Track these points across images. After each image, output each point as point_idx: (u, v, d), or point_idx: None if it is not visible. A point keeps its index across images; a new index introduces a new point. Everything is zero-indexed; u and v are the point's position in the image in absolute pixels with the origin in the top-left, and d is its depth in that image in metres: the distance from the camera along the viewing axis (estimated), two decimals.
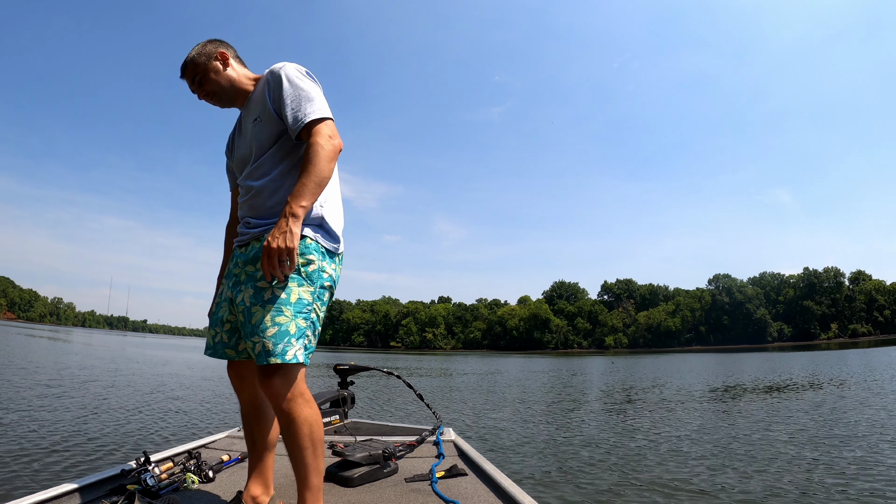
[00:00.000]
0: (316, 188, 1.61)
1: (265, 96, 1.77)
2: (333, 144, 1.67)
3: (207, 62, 1.85)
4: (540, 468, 5.33)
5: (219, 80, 1.86)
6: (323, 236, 1.73)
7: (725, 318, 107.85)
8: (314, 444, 1.65)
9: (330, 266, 1.75)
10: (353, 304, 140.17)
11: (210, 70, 1.85)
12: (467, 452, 2.61)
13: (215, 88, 1.86)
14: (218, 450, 2.68)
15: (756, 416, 8.86)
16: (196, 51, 1.86)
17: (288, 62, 1.81)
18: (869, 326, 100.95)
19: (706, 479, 4.85)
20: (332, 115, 1.73)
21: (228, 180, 2.05)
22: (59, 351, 24.30)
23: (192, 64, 1.85)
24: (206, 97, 1.89)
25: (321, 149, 1.63)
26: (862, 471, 5.05)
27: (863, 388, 13.19)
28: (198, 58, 1.85)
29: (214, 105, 1.92)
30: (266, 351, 1.57)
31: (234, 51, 1.94)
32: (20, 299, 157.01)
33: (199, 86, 1.87)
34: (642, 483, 4.76)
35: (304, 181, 1.59)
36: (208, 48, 1.87)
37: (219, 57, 1.87)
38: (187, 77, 1.88)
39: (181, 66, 1.88)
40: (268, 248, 1.53)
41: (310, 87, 1.74)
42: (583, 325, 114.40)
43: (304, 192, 1.58)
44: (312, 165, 1.61)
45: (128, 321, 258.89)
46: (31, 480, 4.22)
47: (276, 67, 1.78)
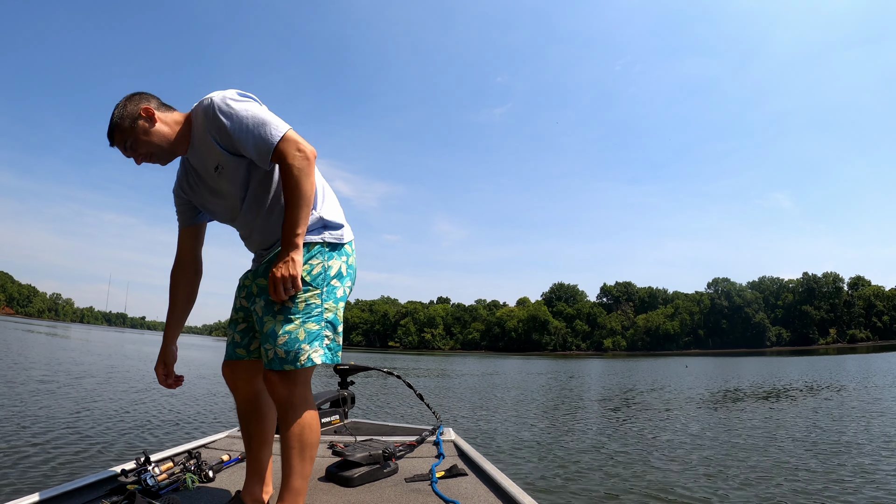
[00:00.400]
0: (306, 211, 1.61)
1: (213, 144, 1.68)
2: (305, 157, 1.62)
3: (134, 124, 1.68)
4: (540, 468, 5.33)
5: (151, 140, 1.69)
6: (329, 234, 1.77)
7: (724, 321, 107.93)
8: (302, 447, 1.67)
9: (339, 259, 1.77)
10: (352, 304, 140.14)
11: (139, 132, 1.68)
12: (467, 452, 2.61)
13: (151, 150, 1.71)
14: (218, 450, 2.68)
15: (754, 421, 8.86)
16: (118, 114, 1.69)
17: (214, 94, 1.69)
18: (867, 332, 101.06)
19: (704, 482, 4.84)
20: (288, 125, 1.65)
21: (179, 219, 1.93)
22: (57, 347, 24.27)
23: (117, 130, 1.68)
24: (144, 160, 1.73)
25: (296, 169, 1.59)
26: (860, 477, 5.05)
27: (861, 393, 13.20)
28: (122, 122, 1.68)
29: (155, 164, 1.77)
30: (279, 358, 1.63)
31: (158, 100, 1.76)
32: (19, 294, 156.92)
33: (133, 150, 1.71)
34: (641, 484, 4.76)
35: (293, 208, 1.59)
36: (129, 108, 1.69)
37: (143, 114, 1.69)
38: (117, 145, 1.71)
39: (108, 134, 1.71)
40: (273, 278, 1.58)
41: (250, 111, 1.65)
42: (581, 327, 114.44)
43: (296, 220, 1.59)
44: (294, 189, 1.59)
45: (126, 318, 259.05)
46: (30, 480, 4.21)
47: (207, 107, 1.67)
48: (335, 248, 1.77)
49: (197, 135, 1.72)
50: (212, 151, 1.70)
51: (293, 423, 1.66)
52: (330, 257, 1.74)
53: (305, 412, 1.69)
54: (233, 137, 1.63)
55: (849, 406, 10.50)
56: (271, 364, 1.64)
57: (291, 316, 1.65)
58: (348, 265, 1.81)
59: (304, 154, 1.61)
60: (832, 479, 5.00)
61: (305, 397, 1.70)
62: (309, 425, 1.69)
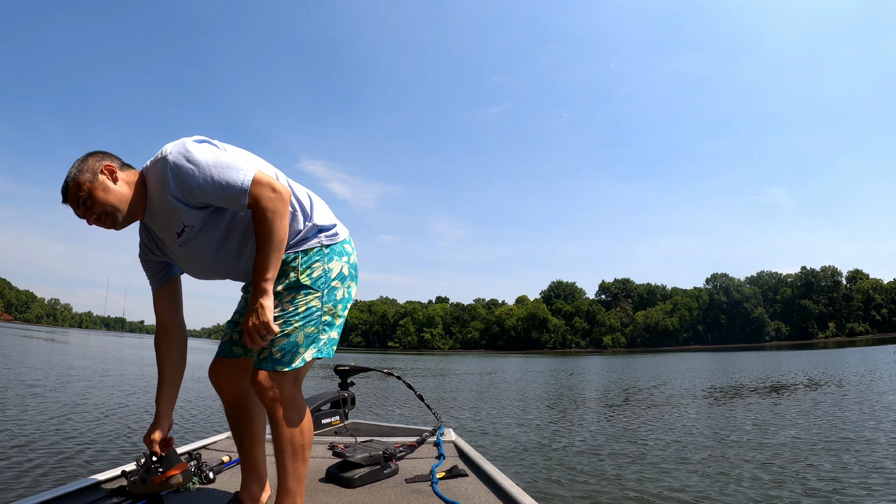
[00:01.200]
0: (277, 255, 1.56)
1: (175, 204, 1.57)
2: (281, 197, 1.55)
3: (93, 180, 1.56)
4: (540, 468, 5.34)
5: (107, 199, 1.56)
6: (324, 236, 1.76)
7: (723, 317, 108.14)
8: (294, 449, 1.66)
9: (340, 260, 1.77)
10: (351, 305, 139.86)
11: (97, 188, 1.55)
12: (468, 453, 2.61)
13: (106, 209, 1.57)
14: (218, 451, 2.69)
15: (754, 416, 8.88)
16: (75, 169, 1.56)
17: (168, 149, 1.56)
18: (866, 325, 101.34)
19: (705, 480, 4.86)
20: (256, 166, 1.57)
21: (151, 283, 1.84)
22: (56, 352, 24.22)
23: (74, 185, 1.55)
24: (97, 221, 1.59)
25: (270, 212, 1.53)
26: (860, 470, 5.07)
27: (862, 386, 13.23)
28: (79, 176, 1.55)
29: (109, 228, 1.62)
30: (273, 359, 1.63)
31: (119, 160, 1.64)
32: (17, 300, 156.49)
33: (88, 209, 1.57)
34: (642, 483, 4.77)
35: (264, 251, 1.54)
36: (90, 163, 1.58)
37: (104, 171, 1.58)
38: (70, 201, 1.57)
39: (62, 190, 1.57)
40: (245, 327, 1.56)
41: (210, 159, 1.54)
42: (581, 324, 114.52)
43: (267, 265, 1.55)
44: (267, 232, 1.53)
45: (125, 322, 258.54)
46: (30, 483, 4.20)
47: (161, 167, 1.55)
48: (333, 248, 1.76)
49: (154, 198, 1.60)
50: (174, 214, 1.59)
51: (284, 425, 1.65)
52: (329, 259, 1.74)
53: (295, 412, 1.68)
54: (196, 192, 1.53)
55: (854, 399, 10.52)
56: (263, 364, 1.63)
57: (291, 319, 1.64)
58: (350, 265, 1.81)
59: (278, 195, 1.55)
60: (838, 473, 5.01)
61: (294, 397, 1.68)
62: (301, 427, 1.68)
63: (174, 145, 1.58)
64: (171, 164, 1.53)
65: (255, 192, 1.53)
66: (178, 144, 1.58)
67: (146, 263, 1.82)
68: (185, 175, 1.52)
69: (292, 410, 1.66)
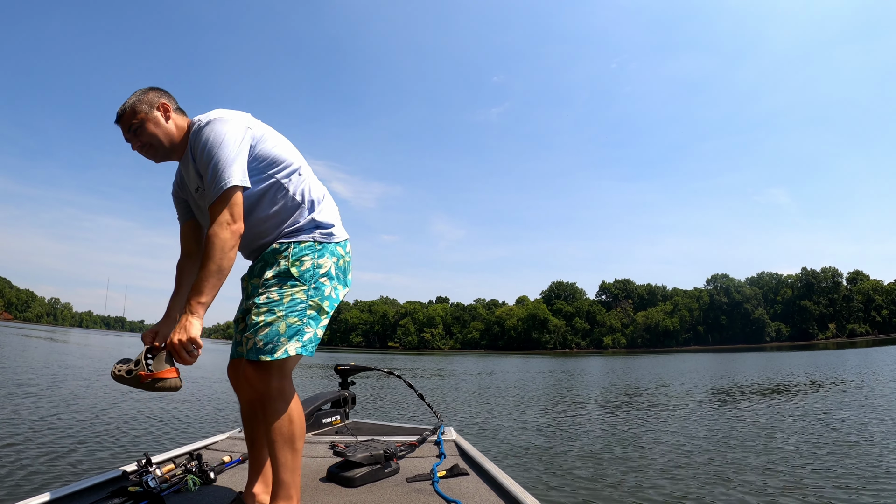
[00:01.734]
0: (216, 281, 1.59)
1: (195, 166, 1.73)
2: (229, 231, 1.60)
3: (149, 111, 1.75)
4: (541, 467, 5.34)
5: (157, 134, 1.76)
6: (319, 234, 1.82)
7: (723, 317, 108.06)
8: (284, 440, 1.70)
9: (331, 258, 1.81)
10: (351, 305, 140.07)
11: (150, 121, 1.75)
12: (468, 452, 2.61)
13: (153, 141, 1.76)
14: (219, 451, 2.68)
15: (755, 416, 8.88)
16: (136, 97, 1.76)
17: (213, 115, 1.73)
18: (867, 326, 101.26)
19: (706, 480, 4.86)
20: (236, 182, 1.63)
21: (178, 215, 1.99)
22: (56, 352, 24.24)
23: (130, 111, 1.74)
24: (140, 149, 1.78)
25: (217, 239, 1.58)
26: (862, 472, 5.06)
27: (865, 388, 13.22)
28: (137, 105, 1.74)
29: (148, 158, 1.81)
30: (256, 348, 1.68)
31: (175, 102, 1.84)
32: (17, 299, 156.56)
33: (135, 135, 1.75)
34: (642, 482, 4.77)
35: (203, 276, 1.57)
36: (150, 96, 1.77)
37: (160, 108, 1.77)
38: (123, 124, 1.76)
39: (118, 112, 1.76)
40: (170, 344, 1.57)
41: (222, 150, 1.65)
42: (581, 325, 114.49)
43: (203, 289, 1.57)
44: (209, 259, 1.58)
45: (125, 321, 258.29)
46: (32, 483, 4.21)
47: (198, 129, 1.71)
48: (326, 246, 1.81)
49: (189, 150, 1.77)
50: (195, 173, 1.74)
51: (273, 416, 1.69)
52: (321, 255, 1.79)
53: (283, 403, 1.71)
54: (202, 167, 1.68)
55: (858, 401, 10.52)
56: (248, 354, 1.69)
57: (275, 308, 1.69)
58: (338, 266, 1.84)
59: (230, 227, 1.60)
60: (841, 475, 5.00)
61: (283, 389, 1.72)
62: (289, 417, 1.71)
63: (213, 116, 1.72)
64: (201, 132, 1.69)
65: (216, 209, 1.61)
66: (214, 118, 1.71)
67: (176, 198, 1.96)
68: (200, 149, 1.67)
69: (280, 402, 1.70)
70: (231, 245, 1.61)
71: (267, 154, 1.78)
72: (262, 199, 1.77)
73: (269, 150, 1.79)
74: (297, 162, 1.85)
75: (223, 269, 1.60)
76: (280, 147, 1.83)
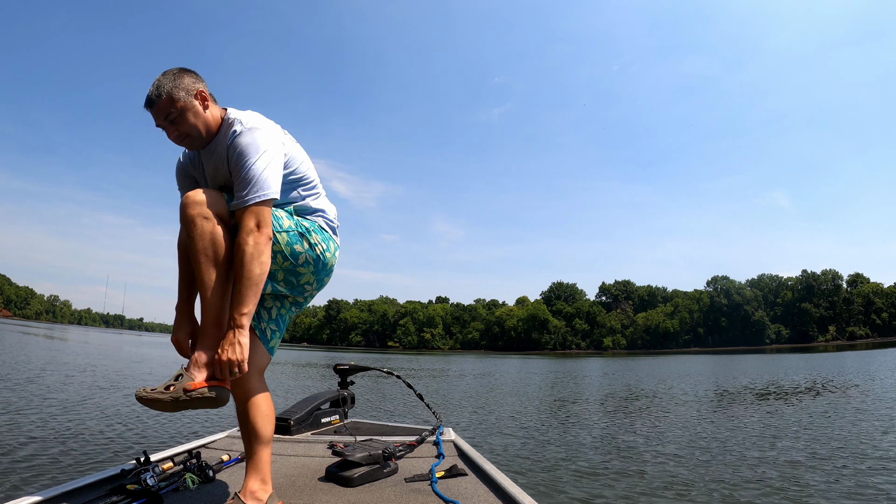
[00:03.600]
0: (254, 290, 1.59)
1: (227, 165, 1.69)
2: (258, 241, 1.58)
3: (188, 100, 1.64)
4: (540, 468, 5.33)
5: (196, 125, 1.66)
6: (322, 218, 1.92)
7: (723, 319, 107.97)
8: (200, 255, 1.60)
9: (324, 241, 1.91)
10: (351, 304, 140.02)
11: (189, 110, 1.64)
12: (467, 452, 2.61)
13: (192, 132, 1.67)
14: (218, 449, 2.68)
15: (756, 420, 8.87)
16: (171, 82, 1.62)
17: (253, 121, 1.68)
18: (867, 329, 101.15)
19: (705, 480, 4.85)
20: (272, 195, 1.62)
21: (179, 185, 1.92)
22: (55, 349, 24.24)
23: (167, 98, 1.61)
24: (177, 139, 1.69)
25: (248, 248, 1.57)
26: (863, 475, 5.06)
27: (864, 390, 13.20)
28: (175, 92, 1.61)
29: (183, 146, 1.73)
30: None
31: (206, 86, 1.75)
32: (16, 296, 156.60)
33: (173, 125, 1.65)
34: (641, 483, 4.77)
35: (240, 288, 1.57)
36: (187, 82, 1.65)
37: (198, 96, 1.67)
38: (158, 112, 1.63)
39: (149, 97, 1.62)
40: (219, 360, 1.56)
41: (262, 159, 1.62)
42: (581, 325, 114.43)
43: (243, 301, 1.58)
44: (244, 269, 1.57)
45: (124, 319, 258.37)
46: (30, 480, 4.21)
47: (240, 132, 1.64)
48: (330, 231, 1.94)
49: (220, 141, 1.72)
50: (224, 168, 1.73)
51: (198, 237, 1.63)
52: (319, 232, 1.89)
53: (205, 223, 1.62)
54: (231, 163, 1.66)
55: (852, 403, 10.51)
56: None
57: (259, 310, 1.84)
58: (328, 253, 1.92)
59: (259, 237, 1.59)
60: (834, 477, 5.00)
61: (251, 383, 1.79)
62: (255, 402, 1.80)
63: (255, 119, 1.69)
64: (237, 137, 1.63)
65: (243, 216, 1.60)
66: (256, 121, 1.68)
67: (182, 173, 1.89)
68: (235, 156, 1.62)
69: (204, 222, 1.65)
70: (263, 252, 1.60)
71: (293, 171, 1.82)
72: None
73: (296, 167, 1.82)
74: (315, 181, 1.93)
75: (260, 276, 1.60)
76: (305, 165, 1.88)
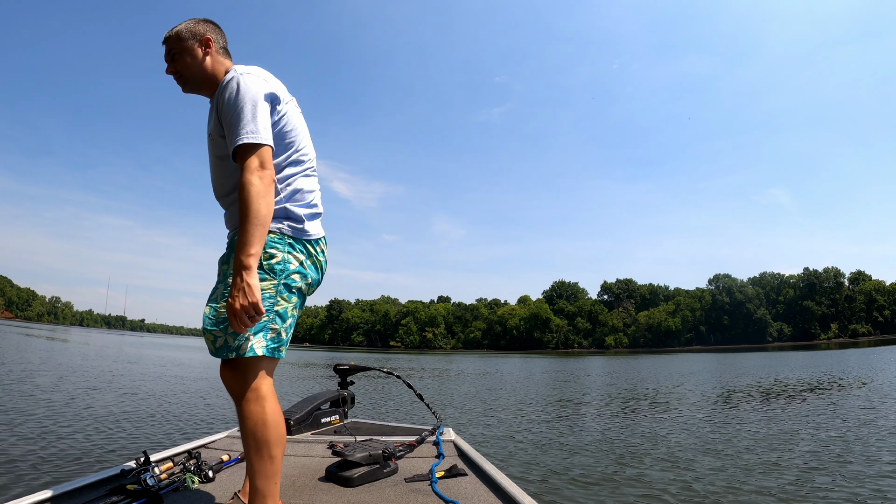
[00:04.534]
0: (260, 231, 1.55)
1: (216, 111, 1.73)
2: (262, 178, 1.57)
3: (191, 42, 1.77)
4: (540, 468, 5.33)
5: (191, 66, 1.78)
6: (288, 226, 1.72)
7: (725, 317, 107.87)
8: (258, 445, 1.60)
9: (300, 254, 1.73)
10: (352, 304, 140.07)
11: (188, 51, 1.77)
12: (467, 452, 2.60)
13: (184, 72, 1.79)
14: (218, 450, 2.68)
15: (759, 417, 8.85)
16: (187, 25, 1.79)
17: (245, 69, 1.72)
18: (869, 326, 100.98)
19: (707, 480, 4.84)
20: (264, 140, 1.61)
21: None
22: (56, 350, 24.27)
23: (175, 36, 1.77)
24: (173, 73, 1.81)
25: (252, 187, 1.55)
26: (868, 474, 5.05)
27: (872, 388, 13.18)
28: (184, 32, 1.77)
29: (178, 84, 1.83)
30: (227, 346, 1.60)
31: (224, 40, 1.86)
32: (18, 298, 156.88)
33: (171, 60, 1.79)
34: (642, 483, 4.76)
35: (245, 228, 1.53)
36: (199, 28, 1.79)
37: (203, 41, 1.79)
38: (166, 47, 1.79)
39: (166, 34, 1.80)
40: (231, 308, 1.51)
41: (247, 102, 1.63)
42: (583, 324, 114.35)
43: (248, 241, 1.53)
44: (248, 209, 1.54)
45: (125, 320, 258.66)
46: (30, 481, 4.21)
47: (228, 77, 1.69)
48: (295, 242, 1.73)
49: (216, 96, 1.76)
50: (213, 117, 1.76)
51: (247, 419, 1.61)
52: (289, 251, 1.71)
53: (258, 407, 1.61)
54: (224, 116, 1.66)
55: (864, 402, 10.49)
56: (218, 352, 1.61)
57: None
58: (309, 264, 1.77)
59: (263, 174, 1.57)
60: (853, 481, 4.99)
61: (259, 390, 1.63)
62: (263, 421, 1.61)
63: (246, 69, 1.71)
64: (229, 80, 1.66)
65: (242, 157, 1.59)
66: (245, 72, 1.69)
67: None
68: (226, 96, 1.64)
69: (255, 404, 1.61)
70: (269, 192, 1.58)
71: (286, 134, 1.75)
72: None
73: (281, 126, 1.75)
74: (303, 151, 1.81)
75: (265, 217, 1.56)
76: (296, 131, 1.79)
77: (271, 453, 1.61)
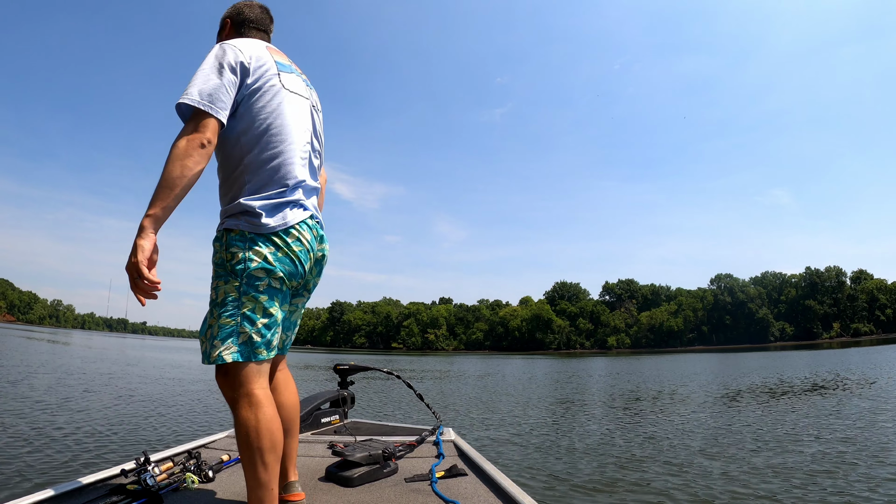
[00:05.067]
0: (165, 193, 1.44)
1: None
2: (190, 141, 1.47)
3: (222, 23, 1.90)
4: (540, 468, 5.32)
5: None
6: (246, 222, 1.59)
7: (727, 317, 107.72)
8: (251, 451, 1.52)
9: (265, 249, 1.59)
10: (354, 306, 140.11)
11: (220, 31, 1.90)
12: (467, 452, 2.60)
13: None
14: (218, 450, 2.68)
15: (763, 418, 8.83)
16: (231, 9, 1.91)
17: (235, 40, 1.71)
18: (871, 325, 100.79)
19: (708, 481, 4.83)
20: (203, 107, 1.50)
21: None
22: (58, 353, 24.31)
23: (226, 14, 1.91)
24: None
25: (174, 149, 1.46)
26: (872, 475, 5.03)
27: (876, 388, 13.14)
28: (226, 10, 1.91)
29: None
30: (205, 352, 1.58)
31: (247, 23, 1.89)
32: (19, 301, 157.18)
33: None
34: (643, 484, 4.75)
35: (158, 186, 1.45)
36: (233, 9, 1.90)
37: (224, 24, 1.89)
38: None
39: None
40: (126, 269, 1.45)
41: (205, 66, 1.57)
42: (585, 325, 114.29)
43: (152, 201, 1.44)
44: (163, 169, 1.45)
45: (127, 323, 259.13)
46: (30, 481, 4.21)
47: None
48: (256, 237, 1.59)
49: None
50: None
51: (239, 425, 1.55)
52: (250, 247, 1.58)
53: (250, 413, 1.54)
54: None
55: (868, 403, 10.46)
56: (203, 358, 1.59)
57: (214, 309, 1.58)
58: (280, 256, 1.61)
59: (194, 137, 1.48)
60: (856, 480, 4.97)
61: (251, 396, 1.55)
62: (255, 428, 1.52)
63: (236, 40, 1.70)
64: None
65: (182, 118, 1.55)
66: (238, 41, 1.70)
67: None
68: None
69: (247, 410, 1.54)
70: (191, 156, 1.46)
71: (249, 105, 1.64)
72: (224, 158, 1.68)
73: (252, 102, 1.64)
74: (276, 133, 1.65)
75: (175, 180, 1.44)
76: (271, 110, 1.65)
77: (264, 460, 1.53)
